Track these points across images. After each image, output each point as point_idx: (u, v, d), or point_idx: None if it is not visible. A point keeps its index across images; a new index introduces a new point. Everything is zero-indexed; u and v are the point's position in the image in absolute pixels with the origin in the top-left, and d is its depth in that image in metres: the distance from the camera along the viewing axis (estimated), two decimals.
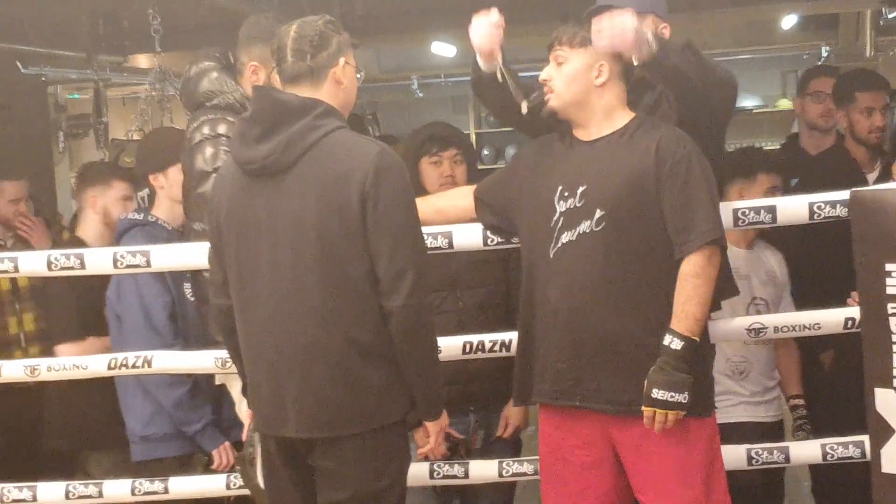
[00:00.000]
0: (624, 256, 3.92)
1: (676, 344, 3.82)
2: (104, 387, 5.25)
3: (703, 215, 3.88)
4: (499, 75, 4.20)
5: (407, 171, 3.89)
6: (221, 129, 4.56)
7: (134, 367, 4.67)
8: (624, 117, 4.05)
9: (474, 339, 4.50)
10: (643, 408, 3.85)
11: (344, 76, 3.89)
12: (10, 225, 6.58)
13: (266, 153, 3.77)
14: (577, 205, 3.97)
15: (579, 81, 4.00)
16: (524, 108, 4.14)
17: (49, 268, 4.62)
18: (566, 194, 4.00)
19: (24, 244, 6.47)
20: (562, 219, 4.00)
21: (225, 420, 5.04)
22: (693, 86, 3.96)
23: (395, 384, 3.85)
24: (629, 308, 3.92)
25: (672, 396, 3.80)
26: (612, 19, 3.86)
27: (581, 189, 3.97)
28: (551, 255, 4.01)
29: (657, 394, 3.81)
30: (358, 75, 3.96)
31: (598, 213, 3.92)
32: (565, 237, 3.98)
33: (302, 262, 3.75)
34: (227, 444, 5.05)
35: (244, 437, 4.23)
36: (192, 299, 5.05)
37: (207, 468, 5.04)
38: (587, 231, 3.94)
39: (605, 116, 4.03)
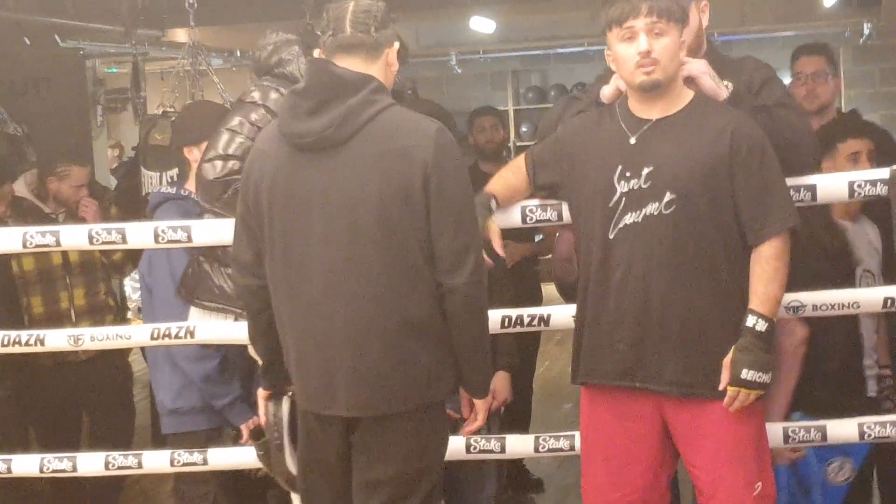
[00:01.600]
0: (694, 240, 3.89)
1: (761, 325, 3.84)
2: None
3: (781, 200, 3.91)
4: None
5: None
6: (272, 96, 4.57)
7: (177, 337, 4.66)
8: (686, 95, 4.02)
9: (513, 312, 4.48)
10: (729, 387, 3.85)
11: (395, 61, 3.87)
12: (69, 206, 6.64)
13: (322, 127, 3.71)
14: (643, 186, 3.91)
15: (677, 55, 3.94)
16: None
17: (91, 242, 4.62)
18: (628, 174, 3.94)
19: (74, 220, 6.50)
20: (623, 199, 3.94)
21: (254, 395, 5.04)
22: None
23: (444, 363, 3.83)
24: (697, 291, 3.91)
25: (760, 377, 3.83)
26: (687, 65, 4.01)
27: (647, 170, 3.91)
28: (611, 237, 3.96)
29: (746, 374, 3.82)
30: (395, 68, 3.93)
31: (669, 196, 3.88)
32: (629, 218, 3.93)
33: (360, 237, 3.71)
34: (255, 418, 5.04)
35: (262, 421, 4.18)
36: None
37: (236, 442, 5.04)
38: (654, 213, 3.90)
39: (678, 94, 3.99)
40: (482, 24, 11.88)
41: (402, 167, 3.69)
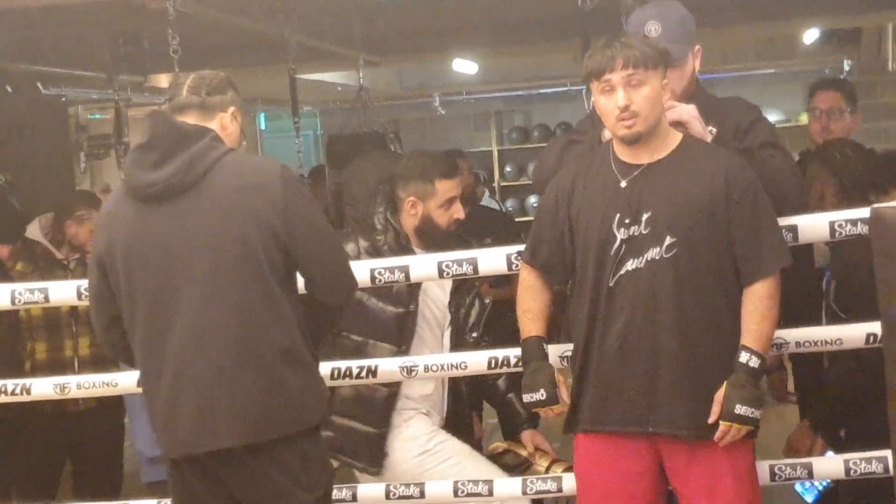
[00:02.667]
0: (695, 282, 3.91)
1: (754, 362, 3.87)
2: None
3: (774, 241, 3.95)
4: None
5: None
6: None
7: None
8: (674, 137, 4.02)
9: (499, 354, 4.49)
10: (721, 422, 3.86)
11: (230, 125, 3.99)
12: (83, 252, 6.53)
13: (170, 174, 3.79)
14: (643, 232, 3.92)
15: (659, 103, 3.95)
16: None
17: (80, 297, 4.64)
18: (627, 221, 3.94)
19: (85, 266, 6.41)
20: (624, 246, 3.95)
21: None
22: None
23: (312, 387, 3.93)
24: (703, 333, 3.92)
25: (752, 412, 3.85)
26: (677, 109, 4.02)
27: (646, 216, 3.92)
28: (612, 283, 3.97)
29: (740, 409, 3.84)
30: (243, 142, 4.08)
31: (669, 240, 3.90)
32: (630, 265, 3.94)
33: (223, 272, 3.78)
34: None
35: None
36: None
37: None
38: (656, 258, 3.91)
39: (664, 137, 4.00)
40: (465, 66, 11.89)
41: (255, 202, 3.81)
